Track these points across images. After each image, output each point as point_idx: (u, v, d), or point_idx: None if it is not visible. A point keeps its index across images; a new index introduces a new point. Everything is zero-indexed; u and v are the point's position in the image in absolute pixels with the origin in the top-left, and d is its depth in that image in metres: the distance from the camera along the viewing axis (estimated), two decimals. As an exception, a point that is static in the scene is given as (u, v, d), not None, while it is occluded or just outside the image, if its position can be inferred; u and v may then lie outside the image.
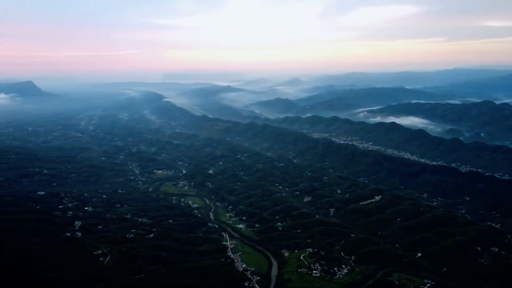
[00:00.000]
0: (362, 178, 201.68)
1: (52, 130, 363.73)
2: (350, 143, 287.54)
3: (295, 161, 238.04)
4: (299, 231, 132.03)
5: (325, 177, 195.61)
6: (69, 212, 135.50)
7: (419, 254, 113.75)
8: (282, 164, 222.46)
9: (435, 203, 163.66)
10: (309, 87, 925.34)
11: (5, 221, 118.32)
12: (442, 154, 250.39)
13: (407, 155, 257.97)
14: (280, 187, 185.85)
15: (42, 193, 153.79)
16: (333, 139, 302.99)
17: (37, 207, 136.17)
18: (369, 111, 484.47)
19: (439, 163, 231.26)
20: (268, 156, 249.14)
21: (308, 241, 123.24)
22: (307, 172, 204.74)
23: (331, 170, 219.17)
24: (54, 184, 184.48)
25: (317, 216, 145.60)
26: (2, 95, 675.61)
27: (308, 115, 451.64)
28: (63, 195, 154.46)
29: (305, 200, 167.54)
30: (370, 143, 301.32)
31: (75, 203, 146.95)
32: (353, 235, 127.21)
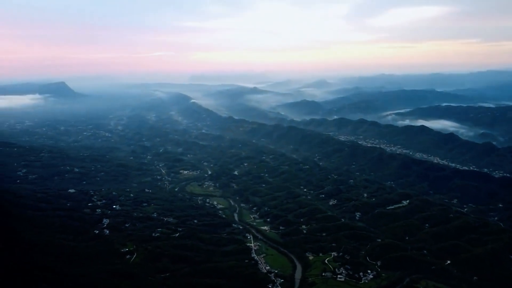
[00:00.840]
0: (389, 182, 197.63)
1: (83, 129, 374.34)
2: (378, 146, 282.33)
3: (320, 163, 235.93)
4: (324, 234, 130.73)
5: (351, 180, 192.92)
6: (97, 210, 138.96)
7: (448, 262, 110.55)
8: (307, 166, 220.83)
9: (465, 209, 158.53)
10: (336, 89, 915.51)
11: (38, 217, 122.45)
12: (473, 159, 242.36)
13: (436, 160, 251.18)
14: (305, 190, 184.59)
15: (73, 190, 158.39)
16: (360, 142, 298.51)
17: (68, 204, 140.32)
18: (397, 114, 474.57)
19: (471, 168, 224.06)
20: (294, 158, 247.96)
21: (333, 244, 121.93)
22: (332, 175, 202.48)
23: (357, 173, 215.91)
24: (84, 182, 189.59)
25: (343, 219, 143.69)
26: (37, 96, 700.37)
27: (335, 117, 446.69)
28: (92, 193, 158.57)
29: (330, 203, 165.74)
30: (398, 146, 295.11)
31: (103, 201, 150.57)
32: (379, 240, 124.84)
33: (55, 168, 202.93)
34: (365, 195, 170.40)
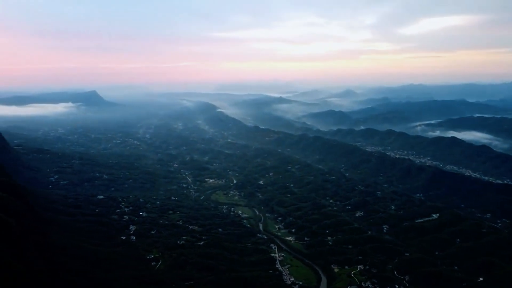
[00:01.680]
0: (418, 195, 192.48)
1: (113, 137, 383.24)
2: (406, 157, 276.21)
3: (347, 174, 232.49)
4: (350, 246, 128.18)
5: (379, 192, 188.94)
6: (125, 216, 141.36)
7: (481, 279, 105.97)
8: (333, 177, 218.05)
9: (499, 225, 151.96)
10: (363, 99, 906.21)
11: (68, 222, 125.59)
12: (508, 172, 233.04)
13: (468, 172, 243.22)
14: (331, 201, 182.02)
15: (101, 197, 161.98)
16: (387, 153, 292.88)
17: (96, 210, 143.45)
18: (427, 125, 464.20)
19: (505, 181, 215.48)
20: (320, 168, 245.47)
21: (360, 257, 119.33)
22: (359, 186, 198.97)
23: (385, 185, 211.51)
24: (112, 189, 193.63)
25: (369, 232, 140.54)
26: (69, 104, 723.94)
27: (362, 128, 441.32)
28: (120, 199, 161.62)
29: (356, 215, 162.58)
30: (428, 158, 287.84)
31: (131, 208, 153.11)
32: (407, 254, 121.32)
33: (86, 175, 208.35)
34: (393, 207, 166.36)
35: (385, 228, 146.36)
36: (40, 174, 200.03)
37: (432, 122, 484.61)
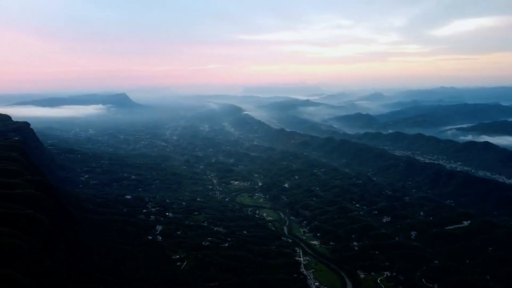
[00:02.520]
0: (448, 201, 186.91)
1: (141, 138, 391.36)
2: (436, 162, 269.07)
3: (374, 178, 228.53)
4: (376, 252, 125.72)
5: (407, 197, 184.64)
6: (151, 217, 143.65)
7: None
8: (360, 181, 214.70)
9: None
10: (392, 102, 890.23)
11: (97, 221, 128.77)
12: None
13: (502, 178, 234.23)
14: (357, 205, 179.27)
15: (129, 197, 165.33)
16: (416, 158, 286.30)
17: (124, 210, 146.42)
18: (458, 129, 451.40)
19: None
20: (346, 172, 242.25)
21: (386, 264, 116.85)
22: (387, 191, 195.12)
23: (413, 190, 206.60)
24: (140, 189, 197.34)
25: (397, 238, 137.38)
26: (100, 106, 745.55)
27: (390, 131, 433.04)
28: (147, 200, 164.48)
29: (384, 220, 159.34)
30: (459, 163, 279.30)
31: (157, 208, 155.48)
32: (436, 261, 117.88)
33: (114, 175, 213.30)
34: (422, 213, 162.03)
35: (413, 235, 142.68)
36: (72, 174, 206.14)
37: (464, 126, 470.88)
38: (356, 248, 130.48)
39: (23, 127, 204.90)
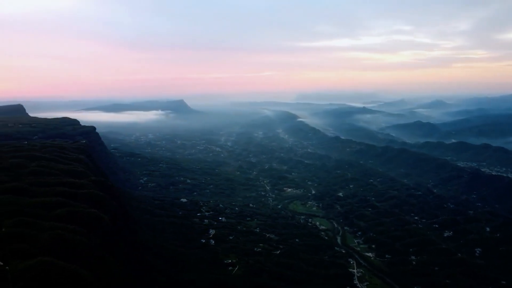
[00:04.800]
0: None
1: (197, 144, 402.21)
2: (505, 175, 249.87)
3: (435, 190, 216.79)
4: (436, 268, 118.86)
5: (471, 212, 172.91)
6: (205, 220, 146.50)
7: None
8: (419, 192, 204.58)
9: None
10: (456, 110, 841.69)
11: (154, 222, 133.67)
12: None
13: None
14: (416, 218, 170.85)
15: (185, 200, 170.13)
16: (482, 169, 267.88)
17: (180, 213, 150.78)
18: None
19: None
20: (404, 183, 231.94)
21: (447, 281, 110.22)
22: (449, 203, 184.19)
23: (478, 204, 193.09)
24: (195, 193, 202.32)
25: (459, 254, 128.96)
26: (159, 112, 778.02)
27: (453, 141, 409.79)
28: (201, 204, 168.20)
29: (445, 235, 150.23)
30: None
31: (211, 212, 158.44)
32: (504, 282, 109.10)
33: (171, 178, 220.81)
34: (488, 229, 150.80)
35: (477, 252, 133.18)
36: (132, 176, 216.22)
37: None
38: (414, 263, 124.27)
39: (90, 131, 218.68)
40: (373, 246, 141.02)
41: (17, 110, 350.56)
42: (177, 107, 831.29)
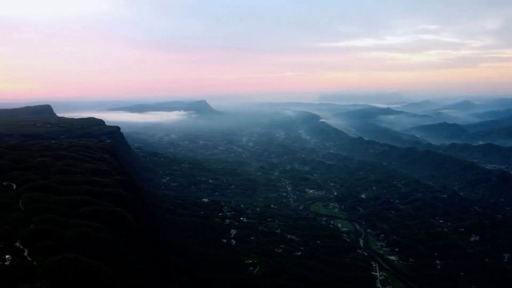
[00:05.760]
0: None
1: (219, 144, 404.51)
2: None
3: (461, 193, 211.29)
4: (461, 273, 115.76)
5: (499, 216, 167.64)
6: (226, 220, 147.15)
7: None
8: (445, 195, 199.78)
9: None
10: (484, 111, 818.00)
11: (176, 221, 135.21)
12: None
13: None
14: (441, 221, 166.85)
15: (206, 200, 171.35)
16: (511, 172, 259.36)
17: (201, 212, 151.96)
18: None
19: None
20: (429, 185, 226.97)
21: (473, 287, 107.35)
22: (475, 207, 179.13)
23: (507, 208, 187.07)
24: (216, 193, 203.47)
25: (486, 259, 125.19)
26: (182, 112, 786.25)
27: (481, 142, 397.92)
28: (223, 204, 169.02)
29: (471, 239, 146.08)
30: None
31: (232, 212, 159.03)
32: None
33: (193, 178, 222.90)
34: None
35: (506, 257, 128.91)
36: (155, 176, 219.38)
37: None
38: (439, 267, 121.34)
39: (114, 131, 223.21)
40: (396, 249, 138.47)
41: (45, 110, 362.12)
42: (199, 107, 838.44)
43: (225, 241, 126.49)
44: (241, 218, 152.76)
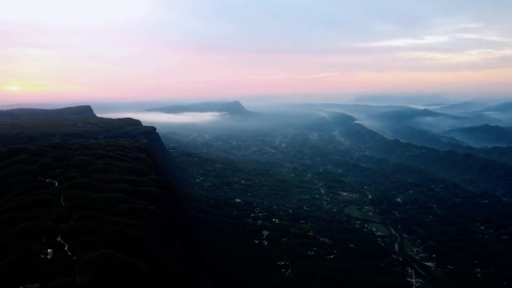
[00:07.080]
0: None
1: (252, 145, 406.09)
2: None
3: (504, 199, 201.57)
4: (504, 283, 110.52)
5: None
6: (258, 221, 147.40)
7: None
8: (486, 201, 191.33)
9: None
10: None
11: (209, 221, 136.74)
12: None
13: None
14: (481, 227, 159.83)
15: (239, 200, 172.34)
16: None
17: (234, 213, 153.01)
18: None
19: None
20: (469, 190, 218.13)
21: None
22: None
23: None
24: (249, 194, 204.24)
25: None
26: (215, 113, 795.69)
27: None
28: (255, 204, 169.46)
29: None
30: None
31: (264, 213, 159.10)
32: None
33: (226, 178, 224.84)
34: None
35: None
36: (188, 175, 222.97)
37: None
38: (479, 276, 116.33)
39: (151, 131, 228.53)
40: (434, 255, 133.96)
41: (85, 110, 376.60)
42: (232, 108, 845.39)
43: (257, 241, 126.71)
44: (274, 219, 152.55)
